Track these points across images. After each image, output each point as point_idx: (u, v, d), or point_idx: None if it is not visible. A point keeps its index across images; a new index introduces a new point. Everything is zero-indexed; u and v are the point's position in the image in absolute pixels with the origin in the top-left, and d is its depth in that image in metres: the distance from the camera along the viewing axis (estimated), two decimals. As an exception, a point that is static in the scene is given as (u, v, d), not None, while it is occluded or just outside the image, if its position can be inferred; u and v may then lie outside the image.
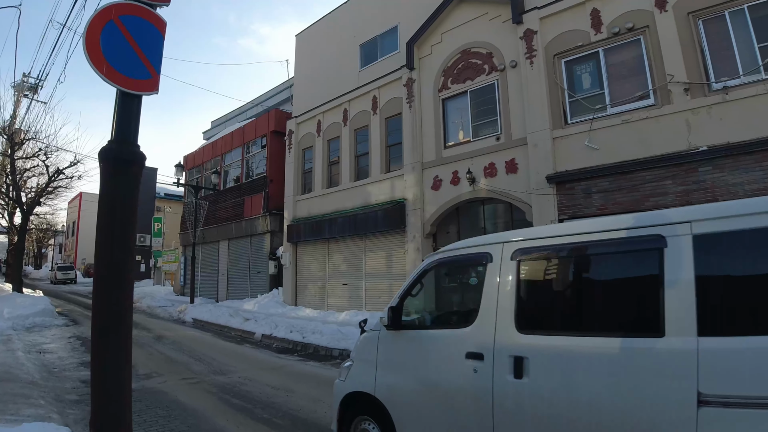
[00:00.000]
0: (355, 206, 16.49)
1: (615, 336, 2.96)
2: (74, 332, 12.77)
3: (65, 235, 65.26)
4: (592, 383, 2.95)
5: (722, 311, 2.73)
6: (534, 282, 3.67)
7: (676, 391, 2.65)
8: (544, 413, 3.11)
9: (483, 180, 12.99)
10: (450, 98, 14.43)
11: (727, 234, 2.74)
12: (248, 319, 14.07)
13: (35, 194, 19.62)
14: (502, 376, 3.35)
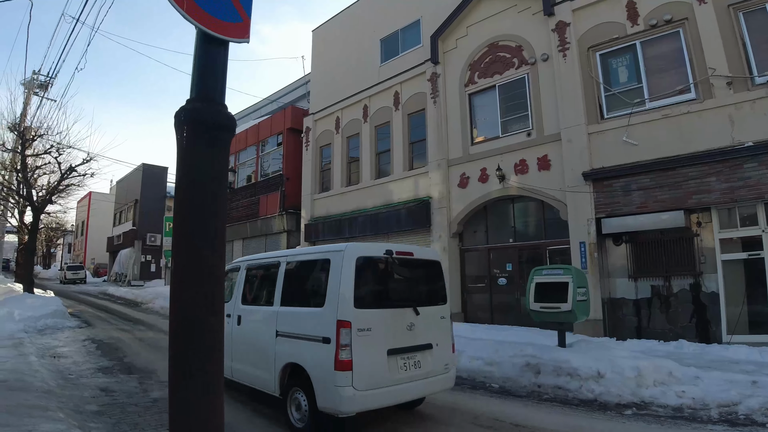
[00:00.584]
0: (376, 205, 16.13)
1: (267, 305, 6.22)
2: (88, 335, 12.40)
3: (74, 234, 65.35)
4: (257, 326, 6.22)
5: (288, 295, 5.91)
6: (250, 281, 6.89)
7: (272, 329, 5.76)
8: (244, 339, 6.39)
9: (513, 177, 12.59)
10: (477, 93, 14.06)
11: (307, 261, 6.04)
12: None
13: (47, 192, 19.33)
14: (234, 325, 6.59)
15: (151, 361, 8.96)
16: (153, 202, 43.59)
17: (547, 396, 6.96)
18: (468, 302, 13.63)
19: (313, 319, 5.21)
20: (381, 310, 5.25)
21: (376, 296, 5.44)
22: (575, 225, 11.30)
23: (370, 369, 4.91)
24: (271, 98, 27.64)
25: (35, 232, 19.48)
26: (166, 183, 45.46)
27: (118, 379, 7.45)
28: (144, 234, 42.56)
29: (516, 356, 8.01)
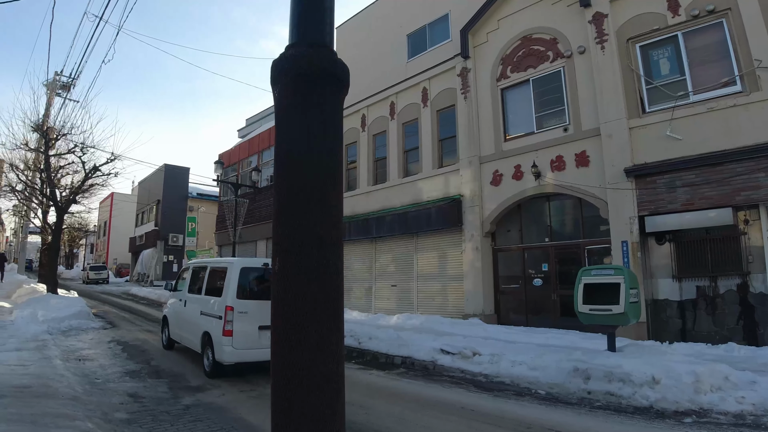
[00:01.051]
0: (404, 204, 15.88)
1: (198, 294, 9.19)
2: (113, 336, 12.30)
3: (96, 235, 66.04)
4: (193, 306, 9.05)
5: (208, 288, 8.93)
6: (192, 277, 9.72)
7: (198, 309, 8.82)
8: (187, 317, 9.28)
9: (550, 174, 12.26)
10: (510, 88, 13.75)
11: None
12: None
13: (70, 192, 19.36)
14: (182, 305, 9.71)
15: (180, 365, 8.81)
16: (175, 202, 43.84)
17: (599, 403, 6.65)
18: (501, 303, 13.34)
19: (216, 304, 8.25)
20: (256, 301, 8.03)
21: (253, 292, 8.18)
22: (617, 223, 10.94)
23: (244, 337, 7.73)
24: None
25: (59, 232, 19.53)
26: (188, 183, 45.71)
27: (147, 383, 7.28)
28: (166, 234, 42.78)
29: (563, 361, 7.71)
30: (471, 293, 13.41)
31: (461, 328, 11.91)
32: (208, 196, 46.44)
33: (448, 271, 14.40)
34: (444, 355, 9.15)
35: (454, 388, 7.57)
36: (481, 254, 13.25)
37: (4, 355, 8.20)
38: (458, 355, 9.01)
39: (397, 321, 13.58)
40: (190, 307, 9.34)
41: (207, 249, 33.32)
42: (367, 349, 10.31)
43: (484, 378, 8.14)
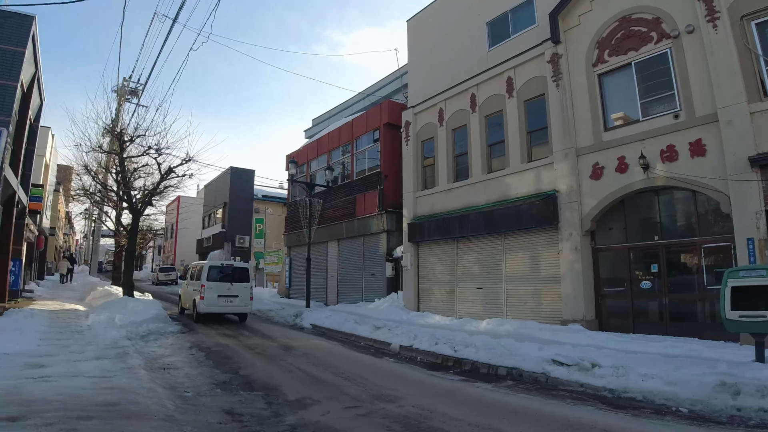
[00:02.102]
0: (489, 201, 15.06)
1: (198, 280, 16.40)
2: (192, 341, 12.04)
3: (164, 237, 67.97)
4: (191, 287, 17.33)
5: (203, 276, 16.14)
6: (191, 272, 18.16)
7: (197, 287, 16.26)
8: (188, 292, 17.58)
9: (659, 165, 11.17)
10: (608, 73, 12.72)
11: None
12: (379, 327, 12.90)
13: (146, 193, 19.53)
14: (186, 287, 18.23)
15: (270, 375, 8.32)
16: (241, 204, 44.50)
17: (753, 422, 5.79)
18: (603, 308, 12.32)
19: (197, 284, 15.81)
20: (217, 283, 15.56)
21: (216, 277, 15.64)
22: (740, 219, 9.79)
23: (209, 300, 15.31)
24: (363, 94, 27.07)
25: (135, 235, 19.74)
26: (253, 185, 46.29)
27: (241, 397, 6.78)
28: (233, 236, 43.43)
29: (706, 374, 6.79)
30: (570, 297, 12.45)
31: (563, 336, 11.02)
32: (273, 197, 46.90)
33: (542, 273, 13.47)
34: (557, 367, 8.31)
35: (579, 405, 6.76)
36: (581, 255, 12.29)
37: (84, 365, 7.95)
38: (574, 366, 8.16)
39: (488, 326, 12.78)
40: (189, 287, 17.52)
41: (275, 250, 33.32)
42: (465, 357, 9.58)
43: (610, 393, 7.29)
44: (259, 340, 12.50)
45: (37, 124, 19.87)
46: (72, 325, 13.03)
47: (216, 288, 15.38)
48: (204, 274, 15.47)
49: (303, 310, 17.38)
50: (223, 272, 16.10)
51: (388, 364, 9.79)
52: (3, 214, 15.61)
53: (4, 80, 12.78)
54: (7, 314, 12.81)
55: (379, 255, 20.05)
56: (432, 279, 17.14)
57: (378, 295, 19.38)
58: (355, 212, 21.50)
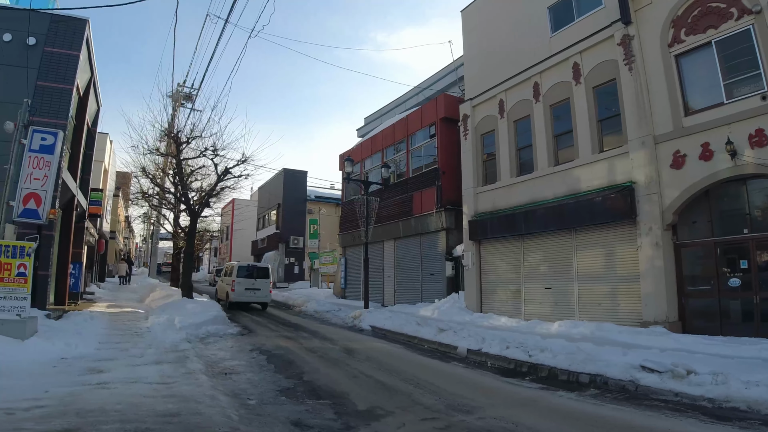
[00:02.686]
0: (557, 195, 14.31)
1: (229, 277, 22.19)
2: (252, 343, 11.85)
3: (220, 239, 69.39)
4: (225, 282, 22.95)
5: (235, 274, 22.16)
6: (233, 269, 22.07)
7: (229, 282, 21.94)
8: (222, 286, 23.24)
9: (748, 151, 10.23)
10: (686, 53, 11.80)
11: None
12: (443, 330, 12.38)
13: (204, 195, 19.64)
14: (221, 282, 24.07)
15: (335, 381, 7.95)
16: (294, 205, 44.89)
17: None
18: (687, 309, 11.40)
19: (230, 279, 21.16)
20: (244, 279, 20.65)
21: (244, 274, 20.81)
22: None
23: (238, 292, 20.48)
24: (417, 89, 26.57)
25: (193, 236, 19.91)
26: (306, 186, 46.61)
27: (308, 406, 6.40)
28: (287, 237, 43.79)
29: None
30: (650, 297, 11.59)
31: (646, 339, 10.22)
32: (325, 198, 47.07)
33: (618, 271, 12.63)
34: (647, 374, 7.62)
35: (679, 416, 6.11)
36: (662, 251, 11.42)
37: (143, 370, 7.81)
38: (667, 373, 7.46)
39: (560, 329, 12.07)
40: (223, 282, 22.51)
41: (330, 251, 33.24)
42: (541, 363, 8.99)
43: (710, 403, 6.59)
44: (320, 343, 12.22)
45: (94, 129, 20.32)
46: (131, 327, 13.09)
47: (243, 283, 20.69)
48: (234, 272, 20.99)
49: (361, 312, 17.02)
50: (249, 271, 21.28)
51: (458, 369, 9.28)
52: (62, 217, 15.92)
53: (60, 84, 12.95)
54: (67, 317, 12.96)
55: (437, 254, 19.51)
56: (495, 278, 16.49)
57: (437, 295, 18.85)
58: (411, 210, 21.03)
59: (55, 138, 10.13)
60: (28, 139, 9.93)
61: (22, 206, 9.74)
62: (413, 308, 18.61)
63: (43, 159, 9.98)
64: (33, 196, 9.86)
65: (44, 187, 9.91)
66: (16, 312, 9.17)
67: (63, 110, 12.80)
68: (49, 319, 11.37)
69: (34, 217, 9.86)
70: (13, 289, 9.21)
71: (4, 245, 9.27)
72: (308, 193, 46.80)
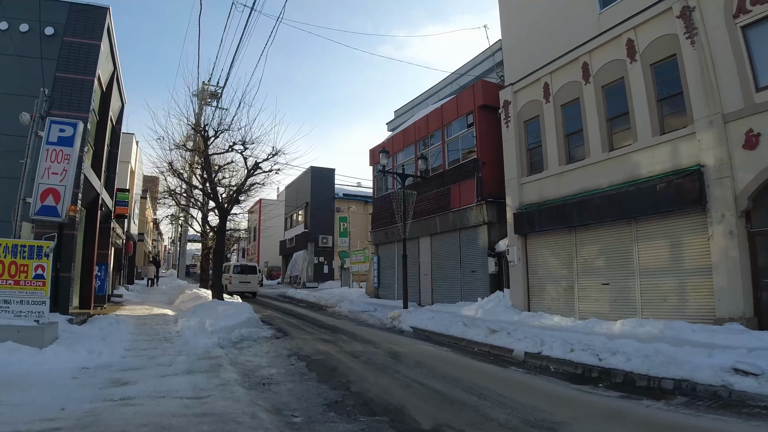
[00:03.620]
0: (613, 183, 13.43)
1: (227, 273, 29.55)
2: (289, 347, 11.27)
3: (247, 240, 69.56)
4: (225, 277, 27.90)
5: None
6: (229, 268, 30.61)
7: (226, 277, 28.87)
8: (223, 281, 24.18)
9: (837, 128, 9.28)
10: (754, 24, 10.83)
11: None
12: (495, 331, 11.63)
13: (233, 191, 19.13)
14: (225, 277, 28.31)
15: (387, 392, 7.25)
16: (323, 203, 44.63)
17: None
18: (762, 303, 10.45)
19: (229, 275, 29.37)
20: (238, 275, 29.94)
21: (238, 271, 30.37)
22: None
23: (234, 284, 29.00)
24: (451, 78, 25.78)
25: (223, 235, 19.37)
26: (334, 184, 46.29)
27: (363, 425, 5.63)
28: (316, 236, 43.50)
29: None
30: (724, 291, 10.68)
31: (724, 338, 9.35)
32: (353, 196, 46.65)
33: (686, 264, 11.72)
34: (741, 377, 6.83)
35: (794, 429, 5.31)
36: (736, 240, 10.50)
37: (173, 381, 7.25)
38: (763, 376, 6.64)
39: (624, 329, 11.23)
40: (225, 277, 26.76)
41: (361, 249, 32.69)
42: (614, 367, 8.21)
43: (825, 411, 5.78)
44: (361, 346, 11.61)
45: (119, 127, 20.06)
46: (160, 331, 12.65)
47: (237, 277, 29.82)
48: (231, 270, 30.00)
49: (400, 312, 16.38)
50: (241, 269, 30.93)
51: (520, 376, 8.57)
52: (86, 217, 15.58)
53: (81, 75, 12.58)
54: (92, 321, 12.58)
55: (479, 250, 18.75)
56: (544, 275, 15.66)
57: (479, 293, 18.10)
58: (449, 204, 20.30)
59: (74, 129, 9.68)
60: (45, 131, 9.50)
61: (39, 203, 9.31)
62: (454, 308, 17.90)
63: (62, 152, 9.53)
64: (51, 191, 9.42)
65: (63, 182, 9.46)
66: (34, 317, 8.74)
67: (84, 102, 12.44)
68: (71, 324, 10.99)
69: (53, 214, 9.41)
70: (31, 293, 8.79)
71: (20, 245, 8.84)
72: (336, 191, 46.48)
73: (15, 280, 8.70)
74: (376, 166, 28.15)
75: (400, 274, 24.59)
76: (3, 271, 8.60)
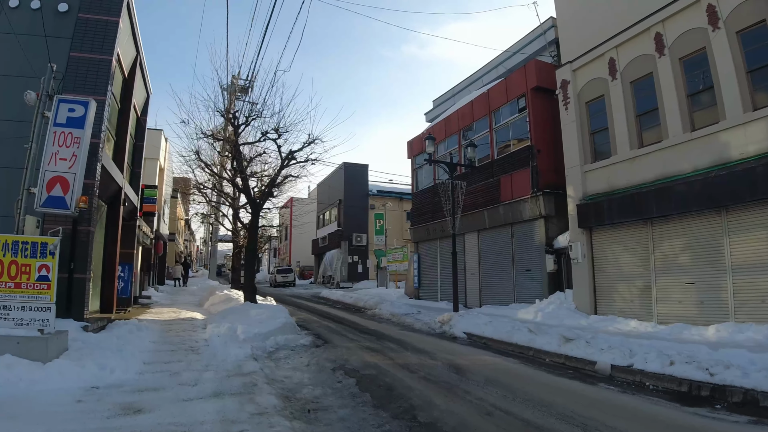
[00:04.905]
0: (697, 167, 11.98)
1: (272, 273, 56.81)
2: (333, 358, 10.10)
3: (278, 239, 69.34)
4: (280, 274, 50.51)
5: None
6: None
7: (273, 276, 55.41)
8: None
9: None
10: None
11: None
12: (570, 339, 10.32)
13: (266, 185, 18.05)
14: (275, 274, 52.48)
15: (465, 423, 5.88)
16: (356, 200, 43.81)
17: None
18: None
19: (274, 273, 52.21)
20: (280, 273, 48.53)
21: (278, 272, 49.50)
22: None
23: (279, 279, 47.47)
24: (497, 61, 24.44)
25: (255, 231, 18.29)
26: (368, 181, 45.40)
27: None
28: (350, 234, 42.74)
29: None
30: None
31: None
32: (388, 192, 45.59)
33: (793, 259, 10.27)
34: None
35: None
36: None
37: (198, 408, 6.04)
38: None
39: (720, 335, 9.88)
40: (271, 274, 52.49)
41: (399, 247, 31.52)
42: (730, 384, 6.90)
43: None
44: (415, 357, 10.42)
45: (144, 119, 19.30)
46: (186, 339, 11.67)
47: (279, 275, 47.04)
48: (275, 270, 49.19)
49: (451, 316, 15.15)
50: (282, 270, 48.10)
51: (615, 396, 7.26)
52: (108, 213, 14.74)
53: (97, 54, 11.69)
54: (110, 328, 11.66)
55: (534, 246, 17.42)
56: (615, 273, 14.23)
57: (535, 295, 16.77)
58: (499, 197, 19.01)
59: (85, 109, 8.71)
60: (53, 111, 8.57)
61: (45, 193, 8.34)
62: (507, 310, 16.66)
63: (71, 134, 8.56)
64: (59, 180, 8.45)
65: (72, 168, 8.48)
66: (38, 326, 7.75)
67: (101, 84, 11.54)
68: (86, 331, 10.02)
69: (60, 206, 8.43)
70: (34, 298, 7.81)
71: (22, 242, 7.86)
72: (369, 187, 45.56)
73: (15, 282, 7.74)
74: (414, 159, 26.99)
75: (442, 273, 23.44)
76: (2, 272, 7.66)
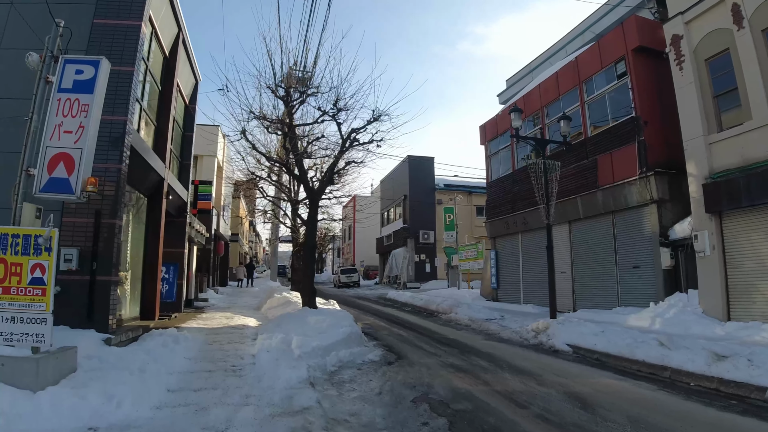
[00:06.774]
0: None
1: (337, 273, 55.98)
2: (411, 382, 7.97)
3: (342, 239, 68.44)
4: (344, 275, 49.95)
5: None
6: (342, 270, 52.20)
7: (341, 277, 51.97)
8: None
9: None
10: None
11: None
12: (723, 357, 7.86)
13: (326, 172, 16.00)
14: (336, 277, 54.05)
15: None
16: (422, 195, 42.09)
17: None
18: None
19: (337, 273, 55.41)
20: (344, 273, 48.11)
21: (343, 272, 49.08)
22: None
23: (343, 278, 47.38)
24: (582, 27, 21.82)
25: (314, 225, 16.17)
26: (434, 174, 43.52)
27: None
28: (416, 231, 41.08)
29: None
30: None
31: None
32: (455, 186, 43.44)
33: None
34: None
35: None
36: None
37: None
38: None
39: None
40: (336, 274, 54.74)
41: (472, 244, 29.12)
42: None
43: None
44: (517, 381, 8.09)
45: (193, 107, 17.86)
46: (230, 355, 9.72)
47: (344, 275, 47.23)
48: (338, 270, 50.91)
49: (548, 323, 12.70)
50: (346, 270, 48.82)
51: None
52: (148, 206, 13.16)
53: (124, 20, 10.03)
54: (143, 339, 9.86)
55: (644, 238, 14.73)
56: (755, 268, 11.43)
57: (647, 296, 14.09)
58: (596, 181, 16.37)
59: (96, 69, 6.89)
60: (57, 74, 6.78)
61: (46, 174, 6.47)
62: (610, 315, 14.14)
63: (78, 101, 6.71)
64: (63, 157, 6.55)
65: (78, 143, 6.59)
66: (31, 343, 5.97)
67: (128, 53, 9.85)
68: (108, 345, 8.21)
69: (64, 189, 6.51)
70: (26, 306, 6.06)
71: (12, 234, 6.15)
72: (436, 181, 43.58)
73: (3, 286, 6.03)
74: (489, 144, 24.52)
75: (524, 272, 21.10)
76: (-14, 273, 5.96)
